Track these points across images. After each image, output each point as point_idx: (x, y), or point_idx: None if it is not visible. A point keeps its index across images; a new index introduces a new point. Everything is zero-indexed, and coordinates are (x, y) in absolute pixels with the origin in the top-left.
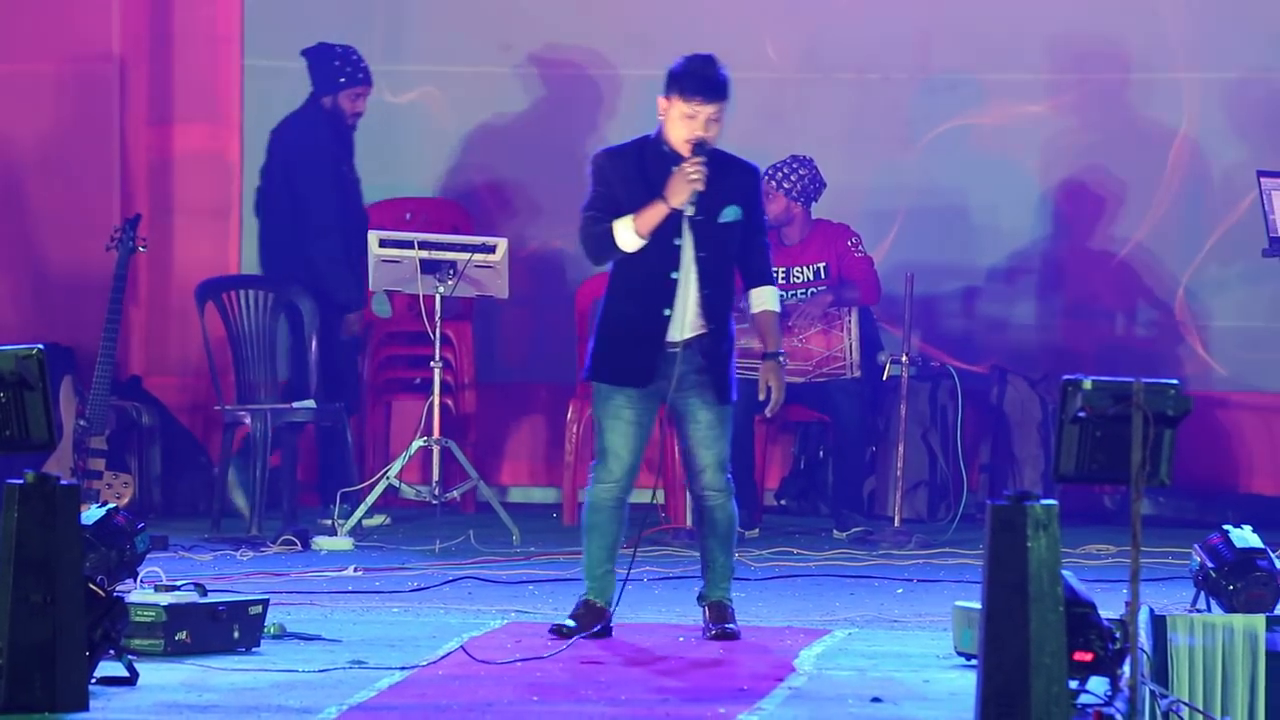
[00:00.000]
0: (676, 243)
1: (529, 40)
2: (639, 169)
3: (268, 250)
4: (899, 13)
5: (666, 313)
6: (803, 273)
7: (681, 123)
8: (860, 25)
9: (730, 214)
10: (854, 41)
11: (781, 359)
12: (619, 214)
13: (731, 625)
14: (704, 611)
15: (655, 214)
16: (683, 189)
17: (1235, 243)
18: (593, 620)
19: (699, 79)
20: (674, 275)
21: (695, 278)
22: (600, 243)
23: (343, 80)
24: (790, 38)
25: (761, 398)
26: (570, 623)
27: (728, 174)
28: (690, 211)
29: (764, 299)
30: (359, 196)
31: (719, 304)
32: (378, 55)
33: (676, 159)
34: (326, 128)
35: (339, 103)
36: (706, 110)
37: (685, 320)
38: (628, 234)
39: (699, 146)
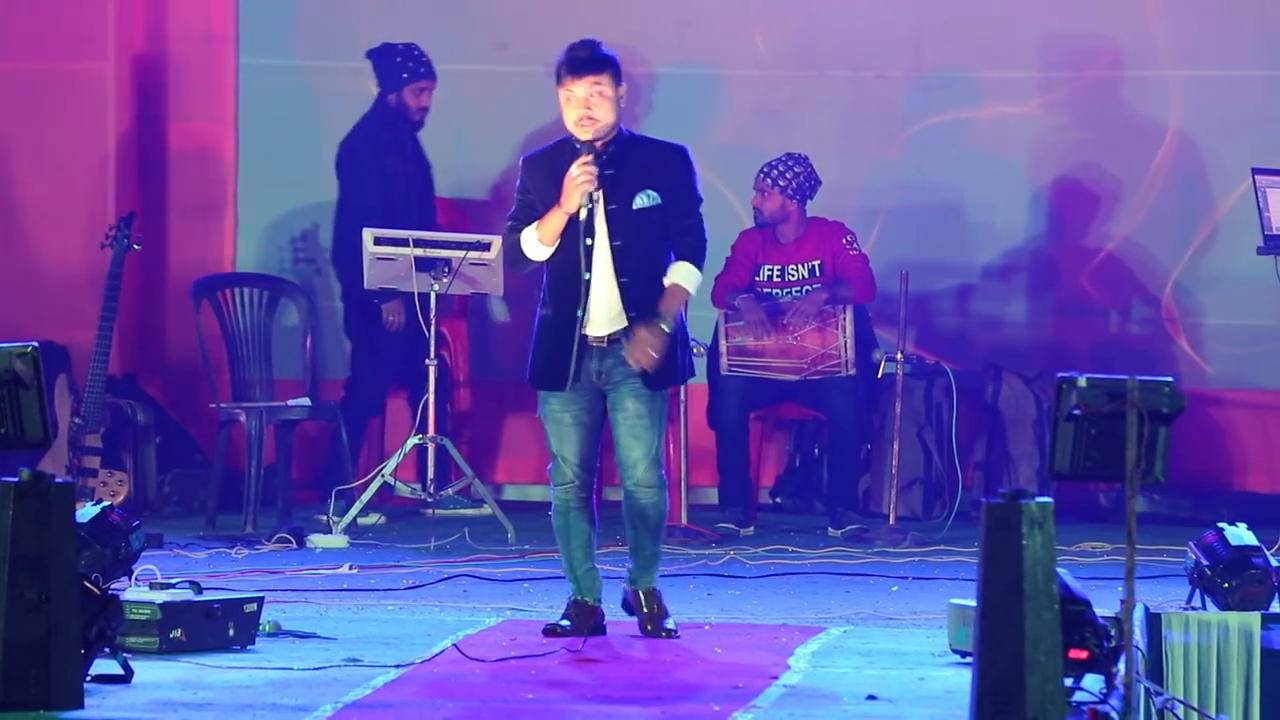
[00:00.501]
0: (589, 242)
1: (523, 38)
2: (555, 170)
3: (348, 261)
4: (893, 10)
5: (579, 313)
6: (798, 270)
7: (567, 108)
8: (855, 23)
9: (645, 199)
10: (848, 39)
11: (661, 325)
12: (536, 218)
13: (669, 624)
14: (637, 599)
15: (554, 222)
16: (573, 193)
17: (1229, 240)
18: (585, 618)
19: (568, 61)
20: (586, 276)
21: (611, 272)
22: (513, 253)
23: (405, 76)
24: (784, 35)
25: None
26: (564, 623)
27: (644, 159)
28: (583, 215)
29: (675, 273)
30: (429, 188)
31: (642, 292)
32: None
33: (581, 153)
34: (387, 129)
35: (403, 99)
36: (579, 86)
37: (605, 316)
38: (533, 243)
39: (587, 146)
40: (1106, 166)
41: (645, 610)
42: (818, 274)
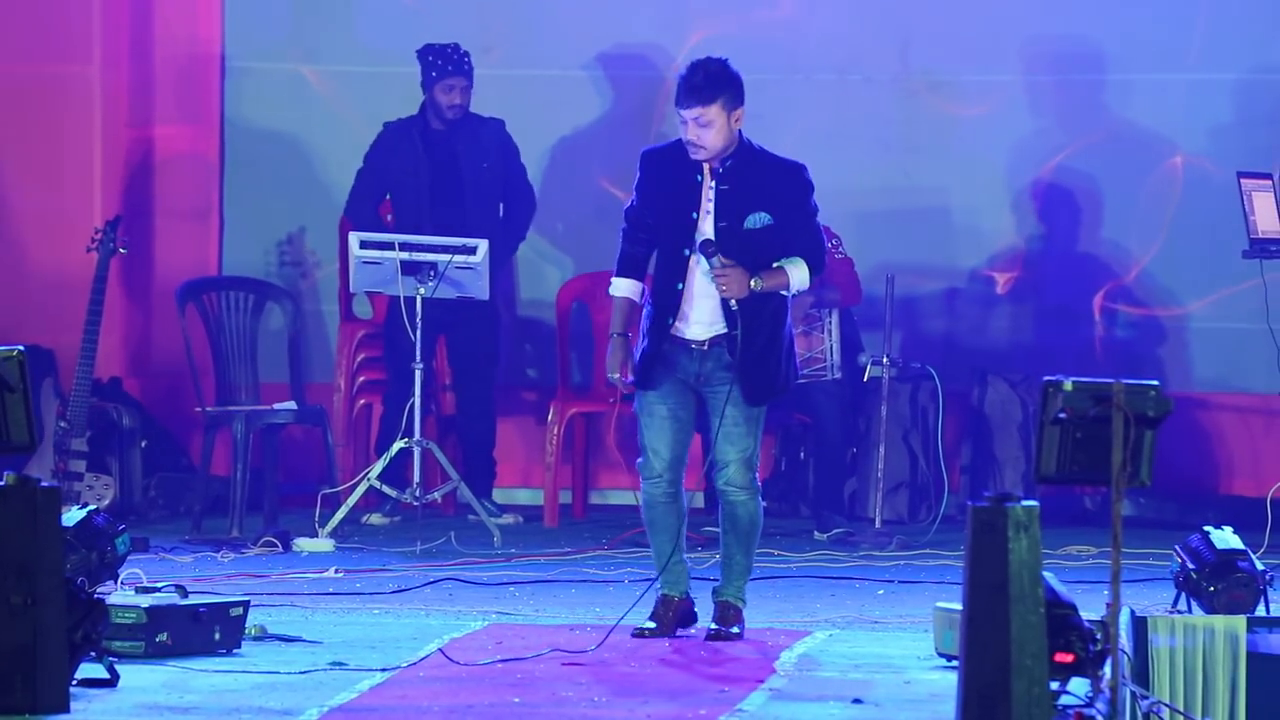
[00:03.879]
0: (685, 253)
1: (508, 43)
2: (667, 170)
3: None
4: (879, 14)
5: (670, 320)
6: None
7: (681, 129)
8: (840, 26)
9: (756, 220)
10: (834, 42)
11: (752, 279)
12: (645, 224)
13: (733, 628)
14: (714, 608)
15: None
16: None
17: (1214, 244)
18: (669, 613)
19: (678, 87)
20: (679, 286)
21: (711, 286)
22: (618, 266)
23: (434, 74)
24: (771, 39)
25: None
26: (649, 625)
27: (761, 176)
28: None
29: (788, 261)
30: (468, 190)
31: (749, 306)
32: (371, 57)
33: (699, 164)
34: (417, 128)
35: (435, 98)
36: (686, 114)
37: (704, 321)
38: (615, 290)
39: (708, 246)
40: (1091, 170)
41: (718, 620)
42: None
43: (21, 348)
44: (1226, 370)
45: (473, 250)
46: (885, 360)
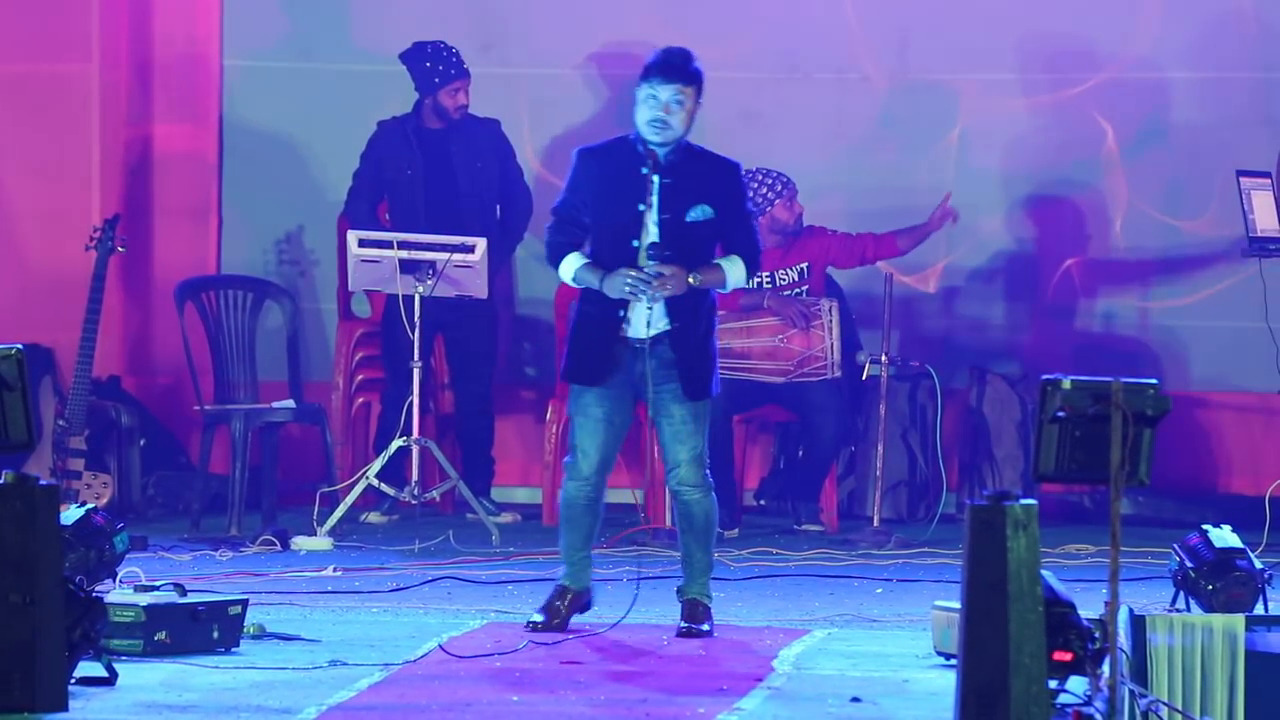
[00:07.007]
0: (635, 245)
1: (507, 41)
2: (608, 168)
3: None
4: (878, 13)
5: (621, 313)
6: (787, 275)
7: (644, 106)
8: (839, 25)
9: (699, 213)
10: (833, 42)
11: (689, 275)
12: (579, 219)
13: (703, 625)
14: (681, 607)
15: (589, 282)
16: (618, 287)
17: (1213, 242)
18: (564, 599)
19: (661, 63)
20: None
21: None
22: (551, 251)
23: (437, 80)
24: (769, 38)
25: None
26: (539, 617)
27: (701, 171)
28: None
29: (725, 259)
30: (464, 194)
31: (686, 302)
32: (369, 56)
33: (645, 158)
34: (414, 131)
35: (440, 101)
36: (664, 90)
37: (647, 318)
38: (566, 275)
39: (653, 250)
40: (1090, 168)
41: (684, 615)
42: (806, 276)
43: (20, 346)
44: (1225, 369)
45: (471, 249)
46: (884, 359)
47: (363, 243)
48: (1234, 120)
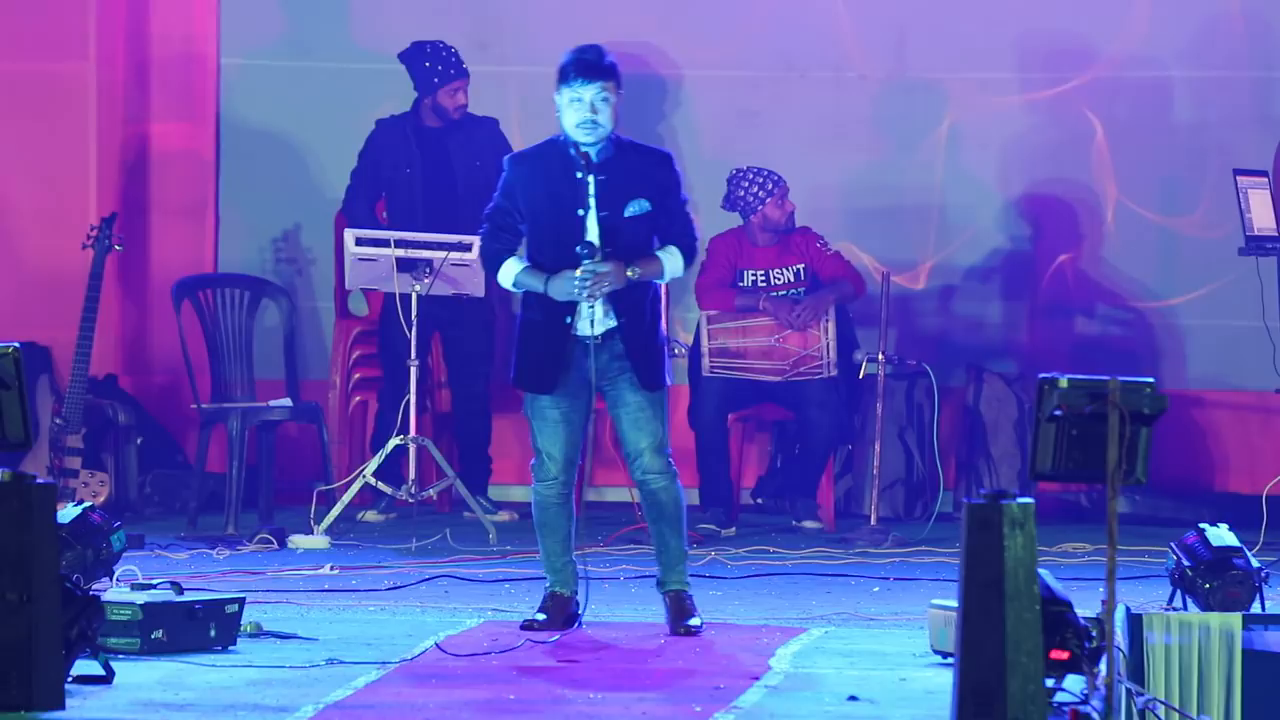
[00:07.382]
0: (579, 250)
1: (503, 39)
2: (540, 171)
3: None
4: (875, 12)
5: (568, 320)
6: (783, 275)
7: (570, 110)
8: (836, 24)
9: (635, 207)
10: (830, 40)
11: (628, 269)
12: (514, 225)
13: (693, 621)
14: (664, 601)
15: (533, 286)
16: (568, 290)
17: (1210, 241)
18: (560, 610)
19: (576, 64)
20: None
21: None
22: (487, 260)
23: (436, 80)
24: (765, 37)
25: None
26: (540, 616)
27: (634, 165)
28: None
29: (664, 250)
30: (463, 192)
31: (630, 296)
32: (366, 54)
33: (577, 160)
34: (413, 130)
35: (439, 101)
36: (587, 90)
37: (594, 318)
38: (507, 281)
39: (588, 249)
40: (1087, 167)
41: (671, 613)
42: (802, 277)
43: (17, 344)
44: (1222, 367)
45: (468, 247)
46: (880, 357)
47: (360, 241)
48: (1228, 119)
